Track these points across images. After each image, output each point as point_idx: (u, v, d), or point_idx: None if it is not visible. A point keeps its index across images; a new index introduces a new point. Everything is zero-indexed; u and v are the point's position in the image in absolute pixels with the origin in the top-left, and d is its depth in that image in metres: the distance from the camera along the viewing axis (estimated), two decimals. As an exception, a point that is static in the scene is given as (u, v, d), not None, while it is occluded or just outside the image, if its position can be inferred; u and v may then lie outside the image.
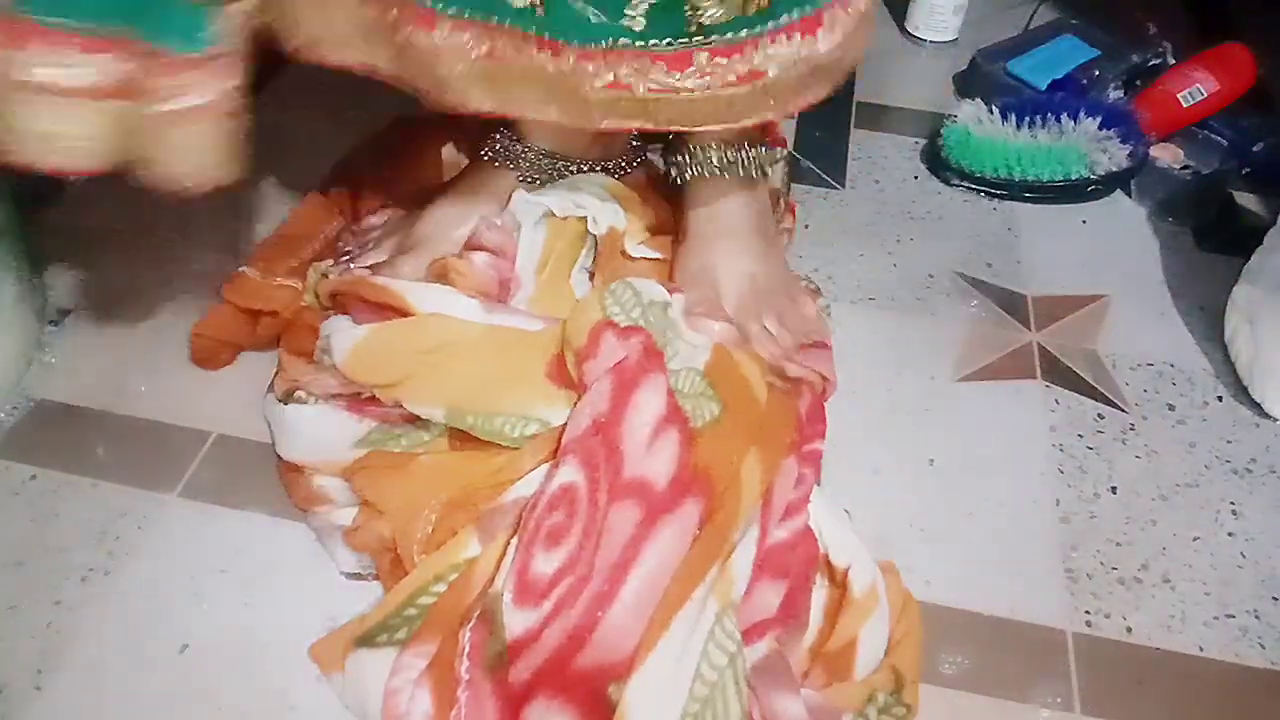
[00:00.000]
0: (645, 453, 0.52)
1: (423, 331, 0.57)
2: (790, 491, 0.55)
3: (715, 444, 0.53)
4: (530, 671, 0.47)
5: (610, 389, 0.53)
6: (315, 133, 0.84)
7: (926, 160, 0.87)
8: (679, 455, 0.52)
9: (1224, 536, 0.60)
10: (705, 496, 0.51)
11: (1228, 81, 0.87)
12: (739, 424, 0.55)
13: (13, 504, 0.57)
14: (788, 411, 0.58)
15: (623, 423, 0.52)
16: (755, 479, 0.53)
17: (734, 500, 0.52)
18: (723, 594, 0.50)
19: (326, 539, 0.56)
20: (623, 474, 0.51)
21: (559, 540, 0.50)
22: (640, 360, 0.54)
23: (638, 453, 0.52)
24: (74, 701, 0.49)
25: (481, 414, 0.54)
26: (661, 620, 0.48)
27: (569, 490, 0.51)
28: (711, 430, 0.54)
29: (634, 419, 0.53)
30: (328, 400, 0.58)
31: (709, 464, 0.52)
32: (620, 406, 0.53)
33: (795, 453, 0.56)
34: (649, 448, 0.52)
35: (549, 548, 0.50)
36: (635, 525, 0.50)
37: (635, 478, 0.51)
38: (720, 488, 0.52)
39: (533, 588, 0.49)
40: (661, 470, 0.52)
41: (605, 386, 0.53)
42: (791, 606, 0.52)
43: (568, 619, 0.48)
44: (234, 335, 0.65)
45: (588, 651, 0.47)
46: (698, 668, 0.47)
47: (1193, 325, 0.74)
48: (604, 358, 0.54)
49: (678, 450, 0.52)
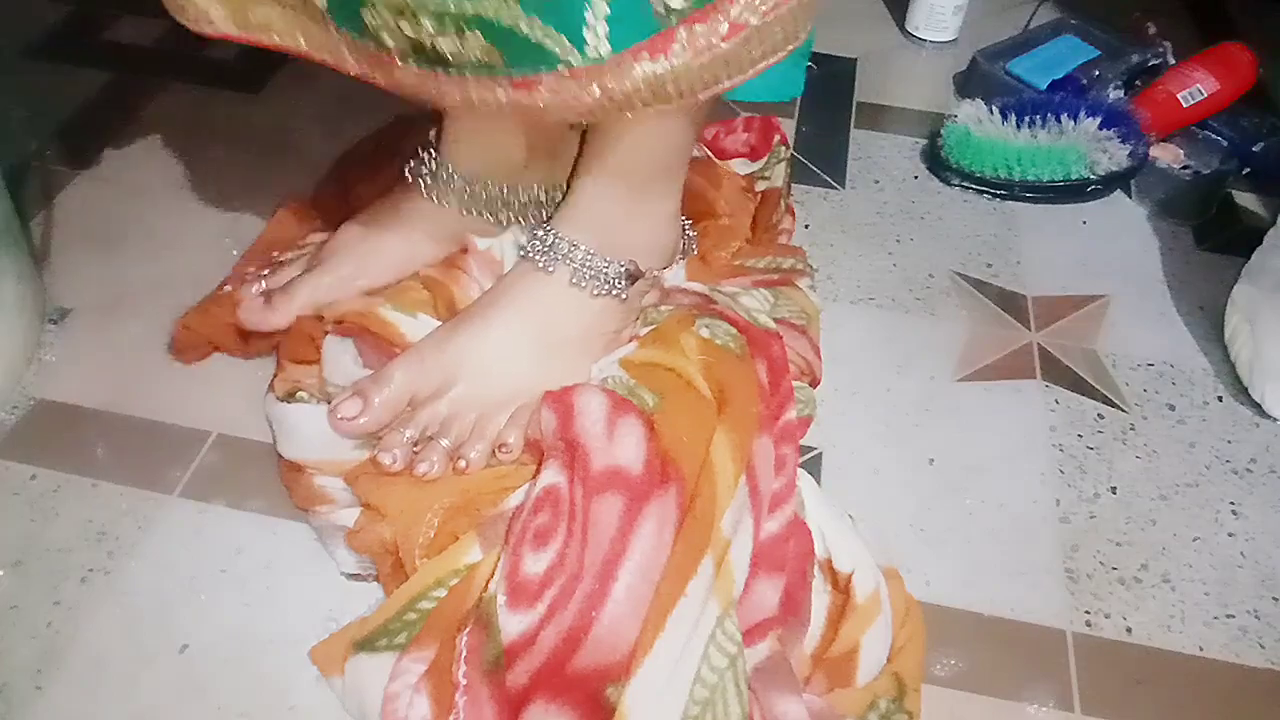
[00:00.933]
0: (609, 442, 0.53)
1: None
2: (773, 478, 0.54)
3: (669, 430, 0.54)
4: (527, 675, 0.47)
5: (552, 407, 0.55)
6: (314, 132, 0.84)
7: (926, 160, 0.87)
8: (646, 439, 0.53)
9: (1224, 536, 0.60)
10: (678, 482, 0.52)
11: (1228, 81, 0.87)
12: (683, 408, 0.55)
13: (13, 504, 0.57)
14: (746, 382, 0.57)
15: (574, 425, 0.53)
16: (728, 459, 0.53)
17: (709, 485, 0.52)
18: (724, 593, 0.50)
19: (327, 539, 0.56)
20: (592, 466, 0.52)
21: (546, 541, 0.50)
22: (563, 389, 0.56)
23: (600, 444, 0.52)
24: (74, 701, 0.49)
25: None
26: (656, 620, 0.48)
27: (552, 491, 0.52)
28: (660, 417, 0.55)
29: (583, 420, 0.54)
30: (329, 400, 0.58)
31: (669, 448, 0.53)
32: (568, 417, 0.54)
33: (768, 429, 0.56)
34: (610, 437, 0.53)
35: (536, 548, 0.50)
36: (619, 516, 0.50)
37: (607, 468, 0.52)
38: (690, 472, 0.52)
39: (525, 589, 0.49)
40: (633, 455, 0.52)
41: (547, 408, 0.55)
42: (791, 604, 0.52)
43: (562, 620, 0.48)
44: (219, 338, 0.65)
45: (584, 653, 0.47)
46: (697, 670, 0.47)
47: (1193, 325, 0.74)
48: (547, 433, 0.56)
49: (643, 433, 0.53)
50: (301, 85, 0.89)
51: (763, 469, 0.55)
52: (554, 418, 0.54)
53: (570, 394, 0.55)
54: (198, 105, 0.86)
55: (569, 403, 0.55)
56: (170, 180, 0.79)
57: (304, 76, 0.90)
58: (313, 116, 0.85)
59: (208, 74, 0.89)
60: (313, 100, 0.87)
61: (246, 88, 0.89)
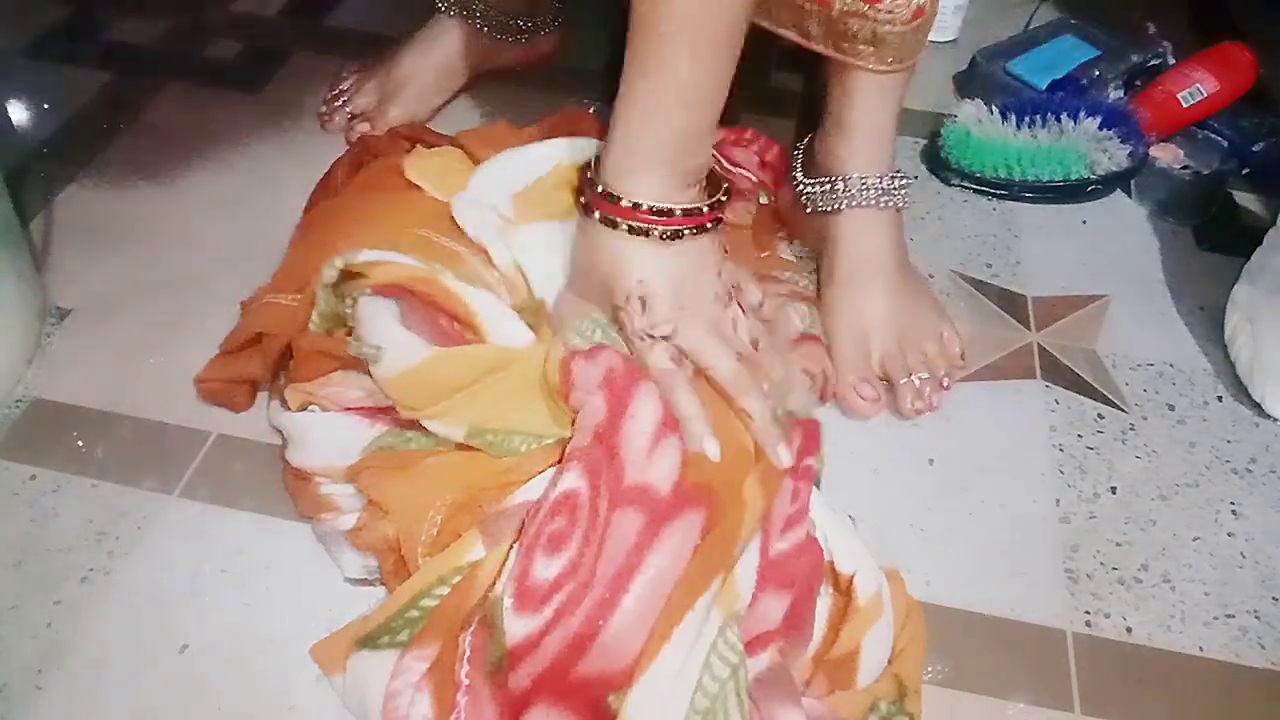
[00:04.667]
0: (646, 460, 0.52)
1: (477, 365, 0.55)
2: (787, 507, 0.54)
3: (706, 462, 0.53)
4: (530, 678, 0.47)
5: (604, 400, 0.53)
6: (314, 132, 0.84)
7: (926, 160, 0.87)
8: (680, 462, 0.52)
9: (1224, 536, 0.60)
10: (708, 507, 0.51)
11: (1228, 81, 0.87)
12: (731, 444, 0.54)
13: (13, 504, 0.57)
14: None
15: (621, 430, 0.52)
16: (758, 497, 0.53)
17: (737, 514, 0.52)
18: (726, 606, 0.49)
19: (332, 545, 0.55)
20: (624, 481, 0.51)
21: (560, 547, 0.50)
22: (628, 370, 0.54)
23: (639, 459, 0.52)
24: (74, 701, 0.49)
25: (500, 432, 0.55)
26: (663, 631, 0.47)
27: (571, 497, 0.51)
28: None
29: (632, 427, 0.52)
30: (342, 411, 0.58)
31: (710, 478, 0.52)
32: (617, 415, 0.53)
33: (791, 472, 0.56)
34: (650, 454, 0.52)
35: (550, 553, 0.49)
36: (638, 533, 0.50)
37: (637, 484, 0.51)
38: (722, 500, 0.52)
39: (533, 593, 0.48)
40: (664, 476, 0.51)
41: (599, 400, 0.53)
42: (796, 618, 0.51)
43: (568, 626, 0.48)
44: (230, 393, 0.63)
45: (588, 659, 0.47)
46: (699, 679, 0.47)
47: (1193, 325, 0.74)
48: (582, 382, 0.54)
49: (679, 457, 0.52)
50: (301, 85, 0.89)
51: (779, 502, 0.54)
52: (603, 410, 0.53)
53: (631, 391, 0.53)
54: (198, 105, 0.86)
55: (625, 401, 0.53)
56: (170, 180, 0.79)
57: (304, 76, 0.90)
58: (313, 116, 0.85)
59: (208, 74, 0.89)
60: (313, 100, 0.86)
61: (246, 88, 0.89)
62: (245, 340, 0.62)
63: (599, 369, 0.54)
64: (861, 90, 0.65)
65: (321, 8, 1.00)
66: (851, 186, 0.66)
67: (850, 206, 0.67)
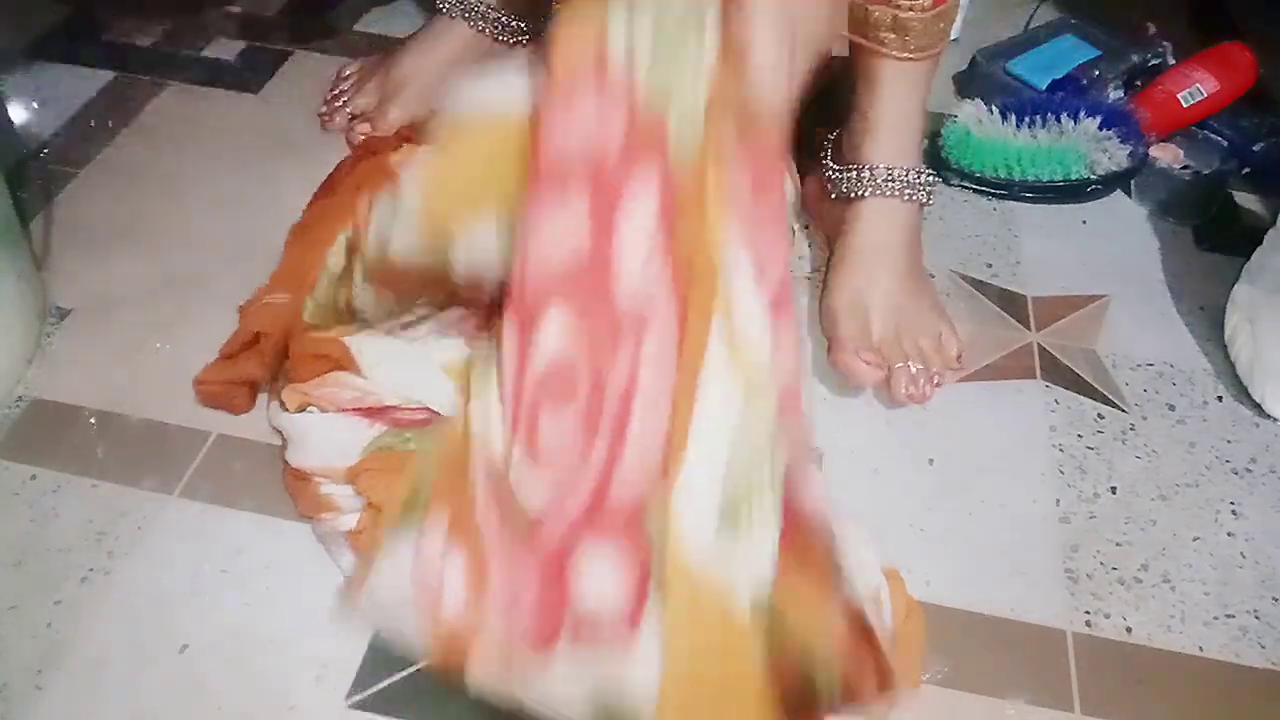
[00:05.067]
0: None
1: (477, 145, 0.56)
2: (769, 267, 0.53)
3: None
4: (565, 524, 0.48)
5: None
6: (314, 132, 0.84)
7: (927, 160, 0.87)
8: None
9: (1224, 536, 0.60)
10: (679, 285, 0.51)
11: (1228, 81, 0.87)
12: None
13: (13, 504, 0.57)
14: None
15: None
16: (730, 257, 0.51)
17: (704, 285, 0.51)
18: (741, 373, 0.50)
19: (331, 545, 0.55)
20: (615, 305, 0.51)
21: (568, 400, 0.51)
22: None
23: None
24: (74, 701, 0.49)
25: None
26: (679, 441, 0.49)
27: (566, 366, 0.51)
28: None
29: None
30: (340, 412, 0.58)
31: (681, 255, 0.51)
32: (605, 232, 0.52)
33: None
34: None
35: (557, 406, 0.51)
36: (629, 361, 0.50)
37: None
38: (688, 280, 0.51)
39: (543, 453, 0.50)
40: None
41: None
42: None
43: (585, 473, 0.49)
44: (229, 396, 0.63)
45: (614, 493, 0.49)
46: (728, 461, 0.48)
47: (1193, 325, 0.74)
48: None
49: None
50: (301, 85, 0.89)
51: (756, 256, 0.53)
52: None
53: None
54: (198, 105, 0.86)
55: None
56: (170, 180, 0.79)
57: (304, 76, 0.90)
58: (313, 116, 0.85)
59: (208, 74, 0.89)
60: (313, 100, 0.86)
61: (246, 88, 0.89)
62: (244, 343, 0.62)
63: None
64: (886, 80, 0.66)
65: (321, 8, 1.00)
66: (878, 176, 0.67)
67: (873, 195, 0.68)
